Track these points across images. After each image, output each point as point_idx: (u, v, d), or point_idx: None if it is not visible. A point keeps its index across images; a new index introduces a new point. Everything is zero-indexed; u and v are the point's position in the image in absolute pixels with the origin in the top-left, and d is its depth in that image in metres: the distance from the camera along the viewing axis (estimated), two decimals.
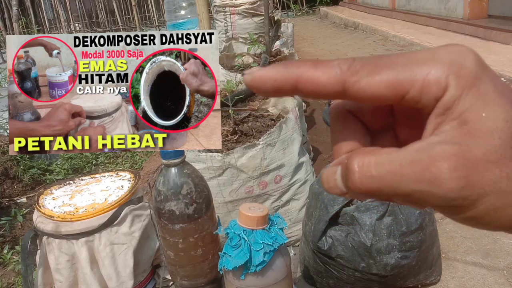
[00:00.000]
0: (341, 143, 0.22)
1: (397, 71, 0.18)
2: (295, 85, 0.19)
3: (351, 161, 0.18)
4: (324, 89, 0.19)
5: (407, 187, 0.17)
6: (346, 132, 0.22)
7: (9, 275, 1.39)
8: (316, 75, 0.19)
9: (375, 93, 0.18)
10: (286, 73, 0.19)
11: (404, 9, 6.52)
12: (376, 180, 0.18)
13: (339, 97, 0.19)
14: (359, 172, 0.18)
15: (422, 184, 0.17)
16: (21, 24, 6.14)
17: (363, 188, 0.18)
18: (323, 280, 1.04)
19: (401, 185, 0.17)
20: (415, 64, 0.18)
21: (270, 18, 2.29)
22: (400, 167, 0.17)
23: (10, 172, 1.98)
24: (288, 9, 9.15)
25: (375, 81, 0.18)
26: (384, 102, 0.19)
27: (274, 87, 0.20)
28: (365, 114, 0.22)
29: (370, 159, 0.18)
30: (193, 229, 0.84)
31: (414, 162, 0.17)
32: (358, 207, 0.98)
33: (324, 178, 0.20)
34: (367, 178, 0.18)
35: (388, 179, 0.17)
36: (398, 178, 0.17)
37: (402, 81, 0.18)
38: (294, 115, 1.22)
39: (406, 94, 0.18)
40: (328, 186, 0.20)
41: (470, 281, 1.07)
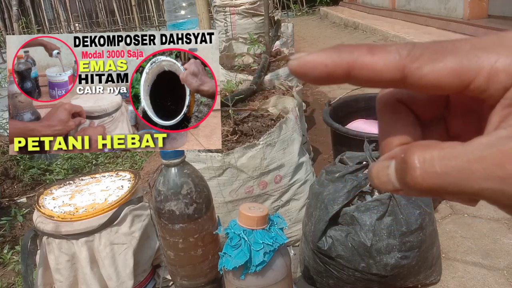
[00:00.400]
0: (392, 135, 0.20)
1: (461, 57, 0.17)
2: (348, 71, 0.18)
3: (410, 155, 0.17)
4: (381, 76, 0.17)
5: (476, 185, 0.16)
6: (397, 124, 0.20)
7: (9, 275, 1.39)
8: (372, 61, 0.17)
9: (438, 81, 0.17)
10: (338, 58, 0.18)
11: (404, 9, 6.52)
12: (440, 176, 0.16)
13: (397, 85, 0.18)
14: (420, 168, 0.16)
15: (493, 182, 0.15)
16: (21, 24, 6.14)
17: (424, 185, 0.16)
18: (323, 280, 1.04)
19: (468, 182, 0.16)
20: (481, 51, 0.17)
21: (270, 18, 2.29)
22: (468, 163, 0.16)
23: (10, 172, 1.98)
24: (288, 9, 9.15)
25: (438, 68, 0.17)
26: (446, 91, 0.17)
27: (324, 73, 0.18)
28: (419, 104, 0.21)
29: (433, 154, 0.16)
30: (193, 229, 0.84)
31: (483, 158, 0.16)
32: (358, 207, 0.98)
33: (374, 173, 0.19)
34: (429, 174, 0.16)
35: (454, 176, 0.16)
36: (465, 175, 0.16)
37: (467, 69, 0.17)
38: (294, 115, 1.22)
39: (472, 83, 0.17)
40: (379, 182, 0.19)
41: (470, 281, 1.07)
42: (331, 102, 1.56)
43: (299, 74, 0.19)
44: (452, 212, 1.37)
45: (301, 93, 1.87)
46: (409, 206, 0.98)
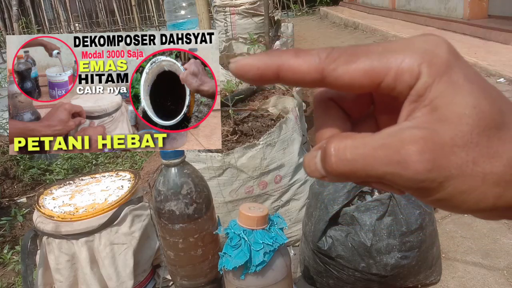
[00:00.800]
0: (323, 129, 0.22)
1: (372, 59, 0.18)
2: (277, 73, 0.20)
3: (329, 145, 0.19)
4: (304, 77, 0.19)
5: (379, 169, 0.18)
6: (327, 119, 0.22)
7: (9, 275, 1.39)
8: (297, 63, 0.19)
9: (351, 80, 0.19)
10: (268, 61, 0.20)
11: (404, 9, 6.52)
12: (350, 163, 0.18)
13: (318, 85, 0.20)
14: (335, 155, 0.18)
15: (392, 166, 0.17)
16: (21, 24, 6.14)
17: (338, 171, 0.18)
18: (323, 280, 1.04)
19: (373, 167, 0.18)
20: (390, 53, 0.18)
21: (270, 18, 2.29)
22: (372, 150, 0.18)
23: (10, 172, 1.98)
24: (288, 9, 9.15)
25: (351, 69, 0.19)
26: (361, 89, 0.19)
27: (257, 75, 0.20)
28: (346, 101, 0.23)
29: (346, 143, 0.18)
30: (193, 229, 0.84)
31: (385, 145, 0.17)
32: (358, 207, 0.98)
33: (305, 162, 0.21)
34: (342, 161, 0.18)
35: (361, 162, 0.18)
36: (370, 160, 0.18)
37: (377, 69, 0.18)
38: (294, 115, 1.22)
39: (382, 82, 0.18)
40: (309, 170, 0.21)
41: (470, 281, 1.07)
42: None
43: (238, 75, 0.21)
44: (452, 212, 1.37)
45: (301, 93, 1.87)
46: (409, 206, 0.98)
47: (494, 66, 3.17)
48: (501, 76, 2.99)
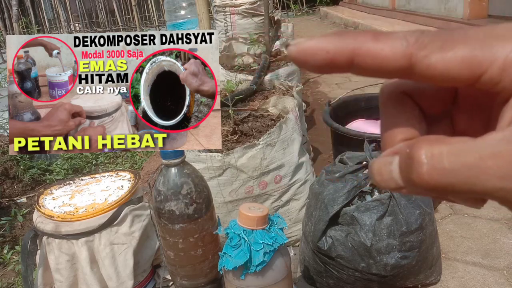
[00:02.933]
0: (395, 130, 0.19)
1: (473, 47, 0.15)
2: (351, 58, 0.16)
3: (417, 150, 0.15)
4: (386, 64, 0.16)
5: (487, 184, 0.14)
6: (401, 117, 0.19)
7: (9, 275, 1.39)
8: (378, 47, 0.16)
9: (447, 71, 0.15)
10: (341, 43, 0.16)
11: (404, 9, 6.52)
12: (450, 173, 0.15)
13: (403, 75, 0.17)
14: (428, 164, 0.15)
15: (508, 181, 0.14)
16: (21, 24, 6.14)
17: (431, 183, 0.15)
18: (323, 280, 1.04)
19: (480, 181, 0.14)
20: (495, 40, 0.15)
21: (270, 18, 2.29)
22: (480, 160, 0.14)
23: (10, 172, 1.98)
24: (288, 9, 9.15)
25: (448, 57, 0.15)
26: (456, 82, 0.16)
27: (326, 60, 0.17)
28: (425, 97, 0.19)
29: (442, 149, 0.15)
30: (193, 229, 0.84)
31: (498, 154, 0.14)
32: (358, 207, 0.98)
33: (375, 169, 0.17)
34: (438, 170, 0.15)
35: (464, 173, 0.14)
36: (477, 172, 0.14)
37: (479, 59, 0.15)
38: (294, 115, 1.22)
39: (484, 74, 0.15)
40: (381, 179, 0.17)
41: (470, 281, 1.07)
42: (331, 102, 1.56)
43: (299, 61, 0.17)
44: (452, 212, 1.37)
45: (301, 93, 1.87)
46: (409, 206, 0.98)
47: None
48: None
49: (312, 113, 2.71)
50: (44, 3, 8.87)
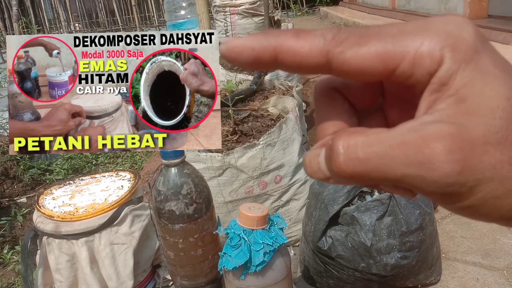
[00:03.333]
0: (326, 123, 0.20)
1: (386, 42, 0.16)
2: (274, 56, 0.17)
3: (336, 142, 0.16)
4: (306, 61, 0.17)
5: (397, 171, 0.15)
6: (331, 112, 0.20)
7: (9, 275, 1.39)
8: (298, 45, 0.17)
9: (362, 65, 0.16)
10: (265, 41, 0.17)
11: (404, 9, 6.52)
12: (363, 162, 0.16)
13: (322, 71, 0.17)
14: (344, 154, 0.16)
15: (414, 168, 0.15)
16: (21, 24, 6.14)
17: (348, 172, 0.16)
18: (323, 280, 1.04)
19: (390, 168, 0.15)
20: (406, 35, 0.16)
21: (270, 18, 2.29)
22: (389, 149, 0.15)
23: (10, 172, 1.98)
24: (288, 9, 9.15)
25: (362, 52, 0.16)
26: (372, 77, 0.17)
27: (252, 57, 0.17)
28: (353, 92, 0.20)
29: (357, 140, 0.16)
30: (193, 229, 0.84)
31: (405, 143, 0.15)
32: (358, 207, 0.98)
33: (306, 162, 0.18)
34: (352, 160, 0.16)
35: (375, 162, 0.15)
36: (387, 160, 0.15)
37: (392, 53, 0.16)
38: (294, 115, 1.22)
39: (397, 68, 0.16)
40: (311, 170, 0.18)
41: (470, 281, 1.07)
42: None
43: (229, 59, 0.18)
44: (452, 212, 1.37)
45: (301, 93, 1.87)
46: (409, 206, 0.98)
47: None
48: None
49: (312, 113, 2.71)
50: (44, 3, 8.87)
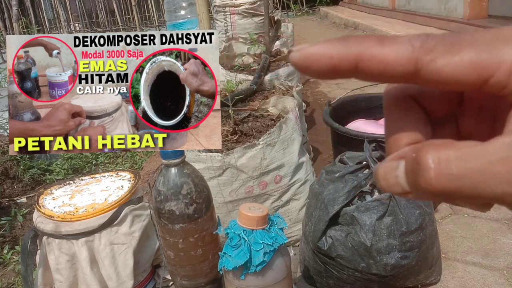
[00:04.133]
0: (400, 134, 0.18)
1: (481, 50, 0.15)
2: (355, 64, 0.16)
3: (424, 154, 0.15)
4: (392, 69, 0.16)
5: (497, 189, 0.14)
6: (406, 121, 0.19)
7: (9, 275, 1.39)
8: (382, 52, 0.16)
9: (454, 75, 0.15)
10: (345, 49, 0.16)
11: (404, 9, 6.52)
12: (458, 179, 0.15)
13: (409, 80, 0.16)
14: (435, 169, 0.15)
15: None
16: (21, 24, 6.14)
17: (439, 188, 0.15)
18: (323, 280, 1.04)
19: (489, 186, 0.14)
20: (502, 42, 0.15)
21: (270, 18, 2.29)
22: (489, 165, 0.14)
23: (10, 172, 1.98)
24: (288, 9, 9.15)
25: (454, 61, 0.15)
26: (463, 86, 0.16)
27: (329, 66, 0.16)
28: (430, 100, 0.19)
29: (449, 154, 0.15)
30: (193, 229, 0.84)
31: (507, 160, 0.14)
32: (358, 207, 0.98)
33: (381, 174, 0.17)
34: (445, 176, 0.15)
35: (473, 178, 0.14)
36: (486, 177, 0.14)
37: (487, 62, 0.15)
38: (294, 115, 1.22)
39: (491, 78, 0.15)
40: (387, 184, 0.17)
41: (470, 281, 1.07)
42: (331, 102, 1.56)
43: (302, 68, 0.17)
44: (452, 212, 1.37)
45: (301, 93, 1.87)
46: (409, 206, 0.98)
47: None
48: None
49: (312, 113, 2.71)
50: (44, 3, 8.87)
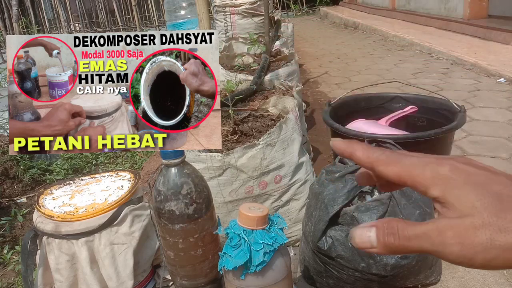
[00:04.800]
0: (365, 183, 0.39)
1: (401, 168, 0.30)
2: (351, 156, 0.33)
3: (393, 224, 0.28)
4: (363, 163, 0.32)
5: (428, 247, 0.26)
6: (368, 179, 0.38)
7: (9, 275, 1.39)
8: (360, 154, 0.32)
9: (387, 176, 0.30)
10: (347, 147, 0.34)
11: (404, 9, 6.52)
12: (409, 241, 0.27)
13: (370, 169, 0.32)
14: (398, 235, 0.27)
15: (437, 247, 0.26)
16: (21, 24, 6.13)
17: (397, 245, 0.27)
18: (323, 280, 1.04)
19: (422, 246, 0.27)
20: (412, 167, 0.29)
21: (270, 18, 2.29)
22: (423, 233, 0.27)
23: (10, 172, 1.98)
24: (288, 9, 9.16)
25: (387, 170, 0.30)
26: (392, 181, 0.31)
27: (341, 152, 0.34)
28: (377, 176, 0.34)
29: (404, 225, 0.28)
30: (193, 229, 0.84)
31: (427, 232, 0.26)
32: (358, 207, 0.98)
33: (357, 235, 0.29)
34: (402, 238, 0.27)
35: (416, 241, 0.27)
36: (422, 240, 0.27)
37: (403, 176, 0.29)
38: (294, 115, 1.22)
39: (405, 184, 0.30)
40: (360, 241, 0.28)
41: (470, 281, 1.07)
42: (331, 102, 1.56)
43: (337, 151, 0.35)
44: None
45: (301, 93, 1.87)
46: (409, 206, 0.98)
47: (494, 66, 3.16)
48: (501, 76, 2.99)
49: (312, 113, 2.71)
50: (44, 3, 8.87)
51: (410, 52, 4.37)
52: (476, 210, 0.25)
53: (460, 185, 0.27)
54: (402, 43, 4.85)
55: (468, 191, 0.26)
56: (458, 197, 0.26)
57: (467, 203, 0.26)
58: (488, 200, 0.25)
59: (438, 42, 4.31)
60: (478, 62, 3.33)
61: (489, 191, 0.26)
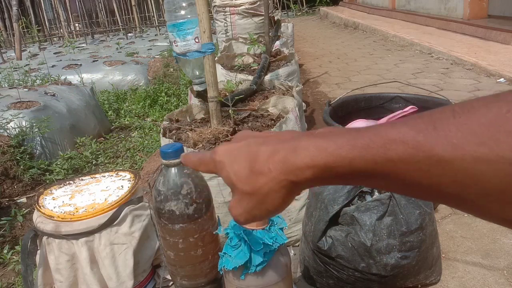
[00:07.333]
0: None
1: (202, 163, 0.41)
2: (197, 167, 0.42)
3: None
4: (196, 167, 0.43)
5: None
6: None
7: (9, 275, 1.39)
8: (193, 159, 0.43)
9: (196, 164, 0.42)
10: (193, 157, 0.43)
11: (404, 9, 6.52)
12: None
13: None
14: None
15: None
16: (21, 24, 6.13)
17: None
18: (323, 280, 1.04)
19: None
20: (210, 153, 0.39)
21: (270, 18, 2.29)
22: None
23: (10, 172, 1.98)
24: (288, 9, 9.16)
25: (201, 169, 0.41)
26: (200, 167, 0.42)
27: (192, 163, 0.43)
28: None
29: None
30: (193, 229, 0.84)
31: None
32: (358, 207, 0.98)
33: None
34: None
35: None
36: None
37: (204, 160, 0.40)
38: (294, 115, 1.22)
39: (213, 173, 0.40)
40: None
41: (470, 281, 1.07)
42: (331, 102, 1.56)
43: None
44: (452, 212, 1.37)
45: (301, 93, 1.87)
46: (409, 206, 0.98)
47: (494, 66, 3.16)
48: (501, 76, 2.99)
49: (312, 113, 2.71)
50: (44, 3, 8.87)
51: (410, 52, 4.37)
52: (234, 175, 0.35)
53: (225, 163, 0.36)
54: (402, 43, 4.85)
55: (228, 169, 0.36)
56: (226, 168, 0.36)
57: (229, 178, 0.36)
58: (238, 170, 0.35)
59: (438, 42, 4.31)
60: (478, 62, 3.33)
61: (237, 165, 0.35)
